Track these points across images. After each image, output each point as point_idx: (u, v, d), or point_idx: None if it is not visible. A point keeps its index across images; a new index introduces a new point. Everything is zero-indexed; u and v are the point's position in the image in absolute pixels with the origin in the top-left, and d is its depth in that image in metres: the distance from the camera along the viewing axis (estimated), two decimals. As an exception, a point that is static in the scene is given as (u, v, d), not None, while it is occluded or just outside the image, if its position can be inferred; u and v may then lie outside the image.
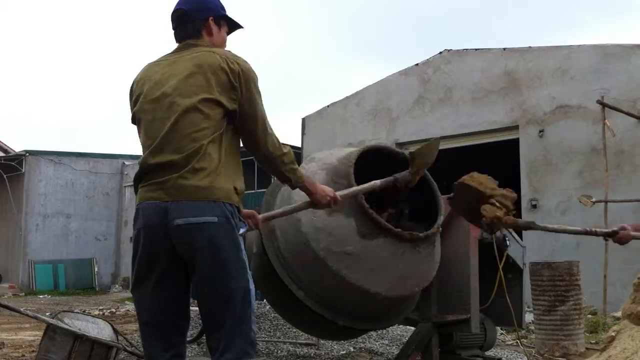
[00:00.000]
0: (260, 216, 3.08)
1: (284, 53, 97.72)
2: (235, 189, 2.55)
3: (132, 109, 2.73)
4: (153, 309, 2.58)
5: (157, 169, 2.52)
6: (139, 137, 2.68)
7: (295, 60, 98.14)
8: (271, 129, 2.68)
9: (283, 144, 2.70)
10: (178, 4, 2.78)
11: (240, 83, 2.57)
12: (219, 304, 2.47)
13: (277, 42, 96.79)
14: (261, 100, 2.65)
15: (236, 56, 2.65)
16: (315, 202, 2.93)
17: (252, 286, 2.51)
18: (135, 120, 2.71)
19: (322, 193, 2.91)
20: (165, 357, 2.57)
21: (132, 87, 2.77)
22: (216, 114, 2.53)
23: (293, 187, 2.85)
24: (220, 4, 2.84)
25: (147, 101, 2.63)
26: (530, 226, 3.06)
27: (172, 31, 2.79)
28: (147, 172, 2.55)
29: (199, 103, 2.52)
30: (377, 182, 3.37)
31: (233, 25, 2.89)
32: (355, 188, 3.35)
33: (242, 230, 2.54)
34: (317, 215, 3.60)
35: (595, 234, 3.14)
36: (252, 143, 2.65)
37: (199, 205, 2.45)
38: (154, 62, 2.76)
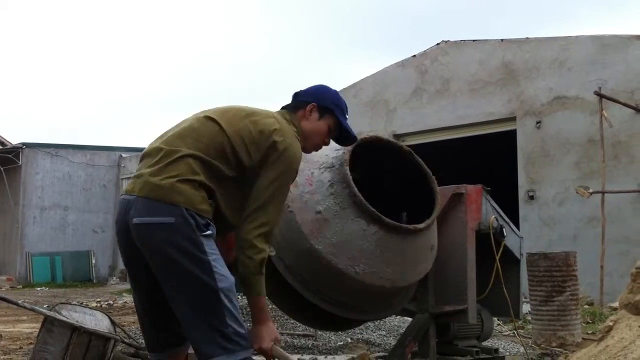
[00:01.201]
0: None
1: (283, 48, 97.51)
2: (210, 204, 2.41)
3: None
4: (136, 302, 2.62)
5: (147, 156, 2.50)
6: None
7: (293, 55, 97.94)
8: (273, 219, 2.46)
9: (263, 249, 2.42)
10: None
11: (267, 146, 2.46)
12: (180, 305, 2.38)
13: (276, 37, 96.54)
14: (280, 181, 2.46)
15: (293, 135, 2.55)
16: (254, 333, 2.47)
17: (222, 284, 2.35)
18: None
19: (267, 331, 2.48)
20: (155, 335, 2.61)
21: None
22: (222, 145, 2.45)
23: (248, 294, 2.47)
24: (340, 105, 2.74)
25: None
26: None
27: None
28: (141, 159, 2.53)
29: (209, 120, 2.50)
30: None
31: (341, 129, 2.75)
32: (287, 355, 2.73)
33: (208, 232, 2.38)
34: (309, 207, 3.59)
35: None
36: (245, 208, 2.47)
37: (157, 205, 2.35)
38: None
